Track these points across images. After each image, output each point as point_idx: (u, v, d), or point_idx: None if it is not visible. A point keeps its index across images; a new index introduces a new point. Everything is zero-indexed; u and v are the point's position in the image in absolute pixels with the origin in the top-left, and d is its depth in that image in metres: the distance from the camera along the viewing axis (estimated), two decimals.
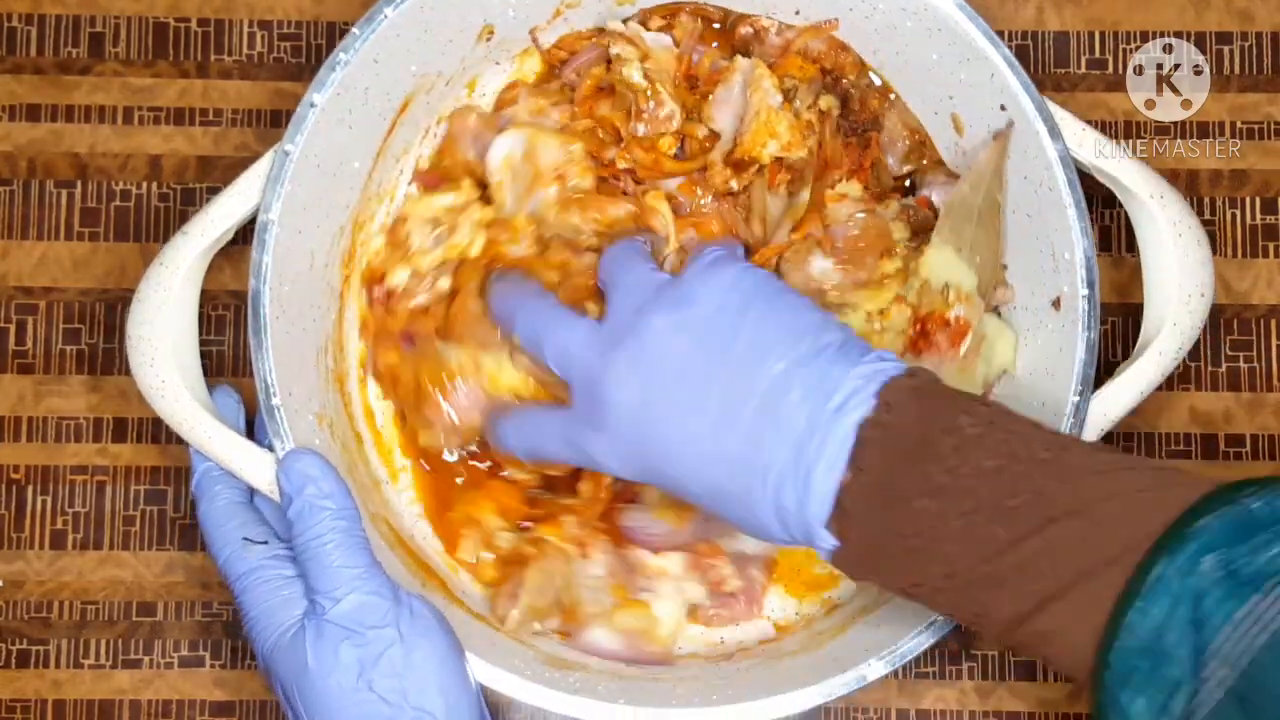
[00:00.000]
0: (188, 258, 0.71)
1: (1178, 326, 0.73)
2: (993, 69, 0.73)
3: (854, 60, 0.78)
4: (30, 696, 0.80)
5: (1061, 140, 0.72)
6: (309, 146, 0.71)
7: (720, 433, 0.65)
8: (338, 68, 0.71)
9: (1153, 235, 0.73)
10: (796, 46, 0.78)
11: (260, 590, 0.69)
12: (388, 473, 0.79)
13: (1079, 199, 0.72)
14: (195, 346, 0.73)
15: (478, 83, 0.80)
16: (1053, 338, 0.74)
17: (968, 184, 0.75)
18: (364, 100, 0.74)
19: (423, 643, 0.68)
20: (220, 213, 0.72)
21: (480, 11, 0.76)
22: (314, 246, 0.74)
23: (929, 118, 0.79)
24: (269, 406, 0.70)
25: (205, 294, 0.76)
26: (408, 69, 0.75)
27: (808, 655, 0.75)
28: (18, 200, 0.83)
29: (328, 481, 0.70)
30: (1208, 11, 0.85)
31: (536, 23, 0.79)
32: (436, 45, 0.76)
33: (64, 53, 0.84)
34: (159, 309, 0.71)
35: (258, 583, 0.70)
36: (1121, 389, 0.73)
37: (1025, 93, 0.72)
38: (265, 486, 0.71)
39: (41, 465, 0.82)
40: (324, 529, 0.69)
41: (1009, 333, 0.77)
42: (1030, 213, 0.74)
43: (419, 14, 0.73)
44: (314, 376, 0.75)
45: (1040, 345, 0.75)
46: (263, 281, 0.70)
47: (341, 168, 0.75)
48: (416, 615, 0.69)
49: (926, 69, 0.76)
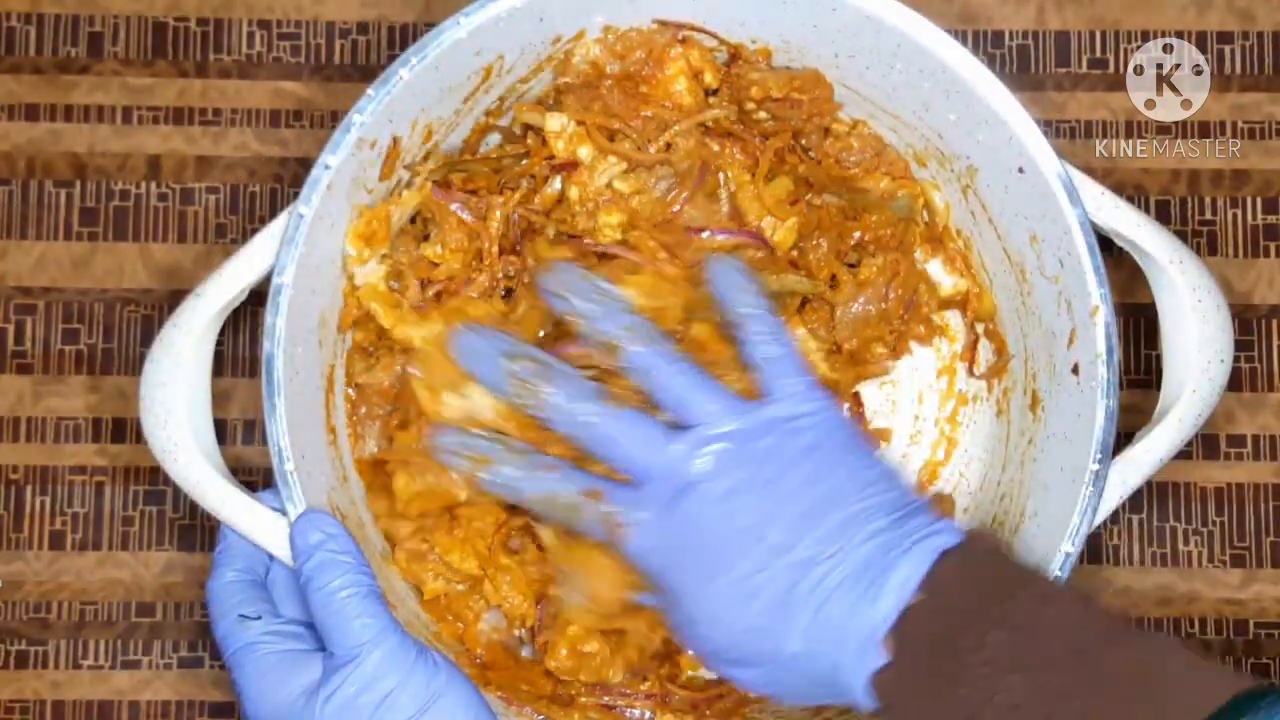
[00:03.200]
0: (201, 319, 0.70)
1: (1197, 393, 0.72)
2: (1010, 132, 0.71)
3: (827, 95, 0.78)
4: (29, 697, 0.80)
5: (1081, 205, 0.71)
6: (323, 208, 0.71)
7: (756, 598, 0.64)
8: (351, 129, 0.70)
9: (1171, 300, 0.73)
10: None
11: (257, 665, 0.67)
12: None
13: (1098, 265, 0.70)
14: (208, 408, 0.72)
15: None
16: (1071, 402, 0.73)
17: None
18: (376, 160, 0.73)
19: (450, 696, 0.67)
20: (233, 274, 0.71)
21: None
22: (325, 308, 0.74)
23: (947, 184, 0.79)
24: (282, 472, 0.69)
25: (217, 355, 0.75)
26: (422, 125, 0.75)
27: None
28: (16, 200, 0.83)
29: (344, 539, 0.69)
30: (1208, 11, 0.85)
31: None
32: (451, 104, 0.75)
33: (63, 52, 0.84)
34: (172, 370, 0.70)
35: (253, 657, 0.67)
36: (1141, 456, 0.72)
37: (1044, 157, 0.71)
38: (278, 550, 0.70)
39: (40, 465, 0.82)
40: (345, 582, 0.67)
41: None
42: (1048, 275, 0.73)
43: (433, 73, 0.72)
44: (323, 442, 0.74)
45: (1059, 410, 0.74)
46: (276, 345, 0.69)
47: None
48: (440, 668, 0.67)
49: (942, 130, 0.76)
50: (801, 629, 0.63)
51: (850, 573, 0.62)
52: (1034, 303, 0.75)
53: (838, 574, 0.63)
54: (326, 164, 0.70)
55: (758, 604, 0.63)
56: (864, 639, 0.62)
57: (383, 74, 0.70)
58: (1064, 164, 0.71)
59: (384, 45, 0.84)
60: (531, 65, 0.76)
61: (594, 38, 0.76)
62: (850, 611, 0.62)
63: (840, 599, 0.62)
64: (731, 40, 0.77)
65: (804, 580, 0.63)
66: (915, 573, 0.62)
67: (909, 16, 0.71)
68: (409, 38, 0.84)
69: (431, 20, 0.83)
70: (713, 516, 0.65)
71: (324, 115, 0.84)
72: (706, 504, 0.65)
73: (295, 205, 0.70)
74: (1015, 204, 0.74)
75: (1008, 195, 0.74)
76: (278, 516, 0.70)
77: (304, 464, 0.70)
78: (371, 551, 0.73)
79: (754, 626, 0.64)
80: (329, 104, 0.84)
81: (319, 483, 0.72)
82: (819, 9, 0.73)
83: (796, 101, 0.77)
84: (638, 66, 0.76)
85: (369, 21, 0.84)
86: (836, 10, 0.72)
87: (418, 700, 0.66)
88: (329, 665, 0.66)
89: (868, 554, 0.63)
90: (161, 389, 0.70)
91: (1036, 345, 0.76)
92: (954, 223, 0.79)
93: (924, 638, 0.61)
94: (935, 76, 0.73)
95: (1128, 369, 0.83)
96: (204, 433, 0.71)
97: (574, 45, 0.76)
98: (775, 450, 0.66)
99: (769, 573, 0.63)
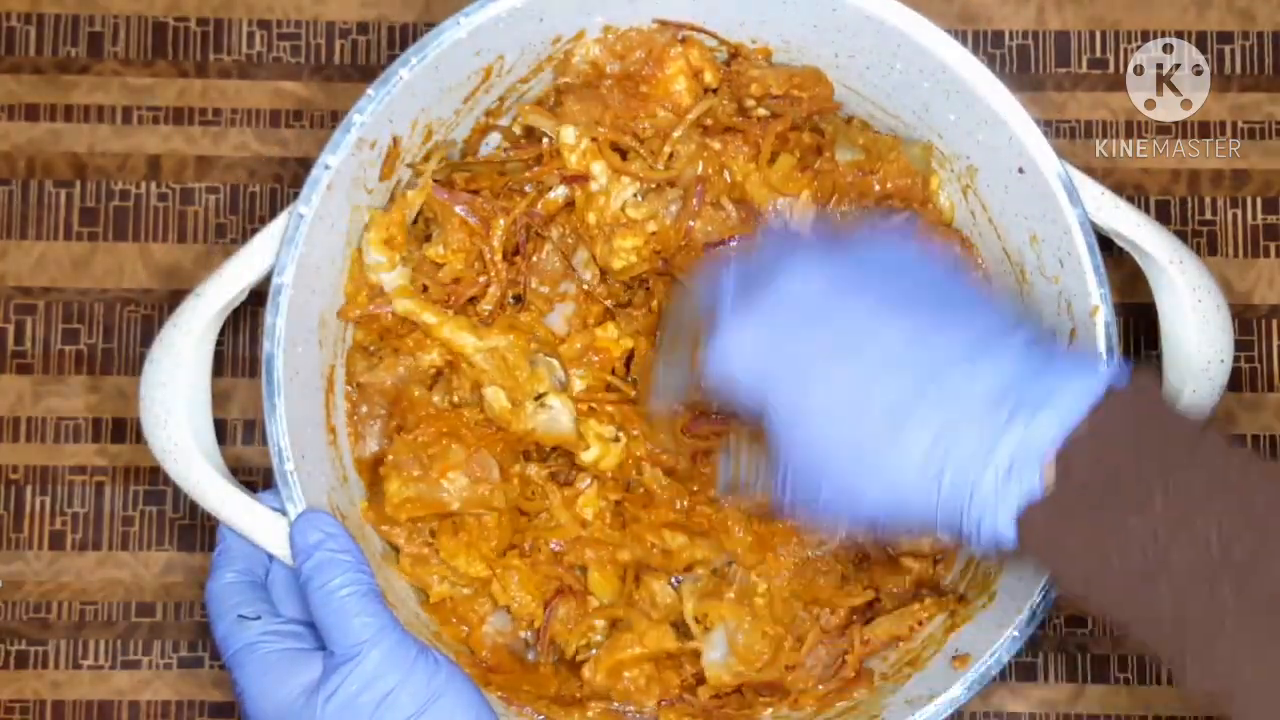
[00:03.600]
0: (201, 319, 0.70)
1: (1197, 394, 0.72)
2: (1010, 133, 0.71)
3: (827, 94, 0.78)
4: (29, 697, 0.80)
5: (1081, 205, 0.71)
6: (323, 208, 0.71)
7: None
8: (351, 129, 0.70)
9: (1171, 300, 0.73)
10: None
11: (257, 664, 0.67)
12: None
13: (1098, 265, 0.71)
14: (208, 408, 0.72)
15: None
16: None
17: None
18: (376, 160, 0.73)
19: (450, 694, 0.66)
20: (233, 274, 0.71)
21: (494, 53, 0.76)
22: (325, 308, 0.74)
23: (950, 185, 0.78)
24: (282, 472, 0.69)
25: (217, 355, 0.75)
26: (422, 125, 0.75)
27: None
28: (16, 200, 0.83)
29: (343, 538, 0.69)
30: (1208, 11, 0.85)
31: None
32: (450, 103, 0.75)
33: (63, 52, 0.84)
34: (172, 370, 0.70)
35: (253, 657, 0.67)
36: None
37: (1044, 157, 0.71)
38: (278, 550, 0.70)
39: (40, 465, 0.82)
40: (344, 581, 0.67)
41: None
42: (1048, 275, 0.73)
43: (433, 73, 0.72)
44: (323, 442, 0.74)
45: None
46: (276, 345, 0.69)
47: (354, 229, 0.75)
48: (440, 667, 0.67)
49: (942, 130, 0.76)
50: (927, 444, 0.57)
51: (996, 385, 0.57)
52: (1034, 303, 0.75)
53: (981, 385, 0.57)
54: (326, 164, 0.70)
55: (875, 410, 0.58)
56: (1020, 461, 0.56)
57: (383, 74, 0.70)
58: (1064, 164, 0.71)
59: (384, 45, 0.84)
60: (531, 65, 0.76)
61: (594, 38, 0.76)
62: (1001, 429, 0.56)
63: (982, 412, 0.57)
64: (731, 40, 0.77)
65: (932, 388, 0.57)
66: (1081, 399, 0.56)
67: (909, 16, 0.71)
68: (409, 38, 0.84)
69: (431, 20, 0.83)
70: (826, 310, 0.60)
71: (324, 115, 0.84)
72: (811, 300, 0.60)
73: (295, 205, 0.70)
74: (1015, 204, 0.74)
75: (1008, 195, 0.74)
76: (277, 516, 0.70)
77: (304, 464, 0.70)
78: (371, 551, 0.73)
79: (870, 436, 0.58)
80: (329, 104, 0.84)
81: (319, 483, 0.72)
82: (819, 9, 0.73)
83: (796, 99, 0.77)
84: (638, 66, 0.76)
85: (369, 21, 0.84)
86: (836, 10, 0.72)
87: (418, 699, 0.66)
88: (329, 664, 0.66)
89: (1015, 369, 0.57)
90: (161, 389, 0.70)
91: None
92: (955, 223, 0.79)
93: (1092, 469, 0.55)
94: (935, 77, 0.73)
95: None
96: (204, 433, 0.71)
97: (574, 45, 0.76)
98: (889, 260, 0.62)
99: (890, 380, 0.58)
